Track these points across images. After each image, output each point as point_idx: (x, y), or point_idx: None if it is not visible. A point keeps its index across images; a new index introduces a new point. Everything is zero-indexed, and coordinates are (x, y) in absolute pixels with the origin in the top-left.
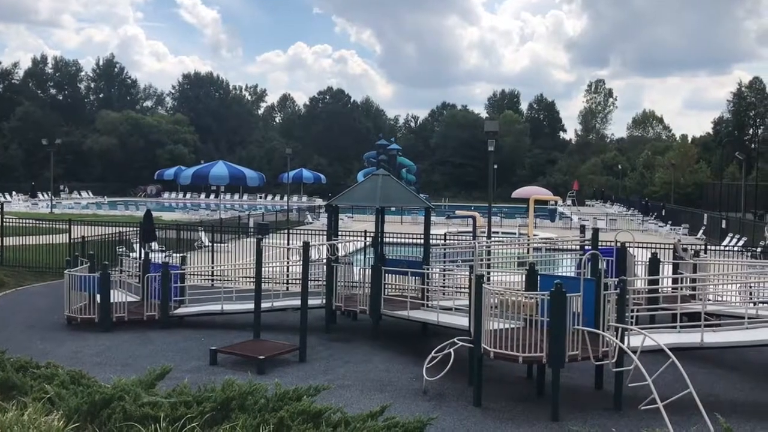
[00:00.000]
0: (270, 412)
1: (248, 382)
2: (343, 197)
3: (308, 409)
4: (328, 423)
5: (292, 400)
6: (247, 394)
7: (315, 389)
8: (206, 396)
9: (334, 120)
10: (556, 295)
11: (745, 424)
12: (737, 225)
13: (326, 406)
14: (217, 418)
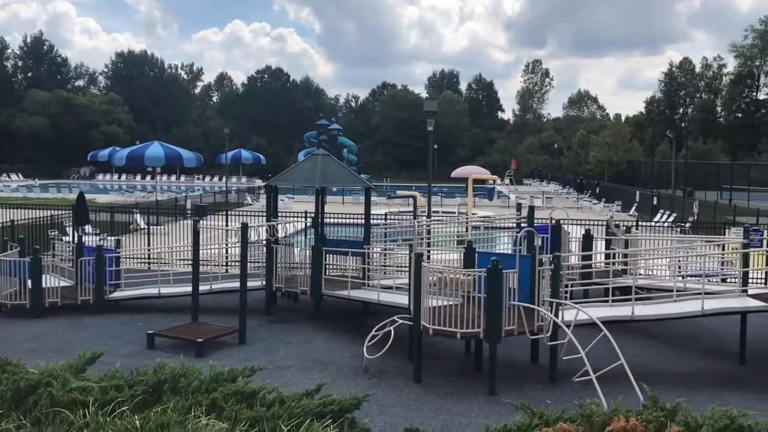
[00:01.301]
0: (203, 394)
1: (181, 365)
2: (283, 177)
3: (242, 390)
4: (263, 403)
5: (227, 382)
6: (180, 376)
7: (251, 370)
8: (138, 379)
9: (273, 99)
10: (493, 272)
11: (672, 393)
12: (668, 202)
13: (261, 386)
14: (148, 401)
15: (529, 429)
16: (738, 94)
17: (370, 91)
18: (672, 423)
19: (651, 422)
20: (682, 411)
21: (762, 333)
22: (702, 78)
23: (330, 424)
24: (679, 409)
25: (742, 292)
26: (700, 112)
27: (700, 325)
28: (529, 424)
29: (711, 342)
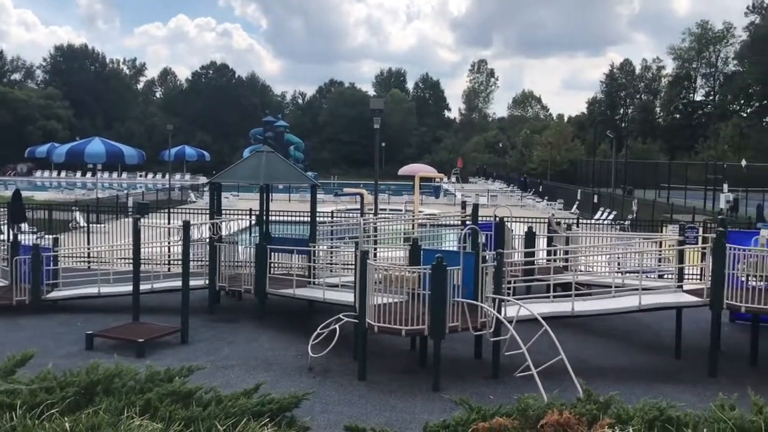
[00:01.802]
0: (137, 395)
1: (115, 365)
2: (226, 174)
3: (178, 390)
4: (199, 403)
5: (164, 382)
6: (114, 376)
7: (188, 369)
8: (70, 381)
9: (218, 96)
10: (437, 269)
11: (610, 386)
12: (608, 200)
13: (198, 386)
14: (80, 403)
15: (467, 424)
16: (676, 95)
17: (317, 89)
18: (604, 415)
19: (584, 415)
20: (615, 404)
21: (696, 327)
22: (642, 79)
23: (268, 423)
24: (612, 402)
25: (677, 287)
26: (639, 113)
27: (637, 320)
28: (468, 419)
29: (648, 336)
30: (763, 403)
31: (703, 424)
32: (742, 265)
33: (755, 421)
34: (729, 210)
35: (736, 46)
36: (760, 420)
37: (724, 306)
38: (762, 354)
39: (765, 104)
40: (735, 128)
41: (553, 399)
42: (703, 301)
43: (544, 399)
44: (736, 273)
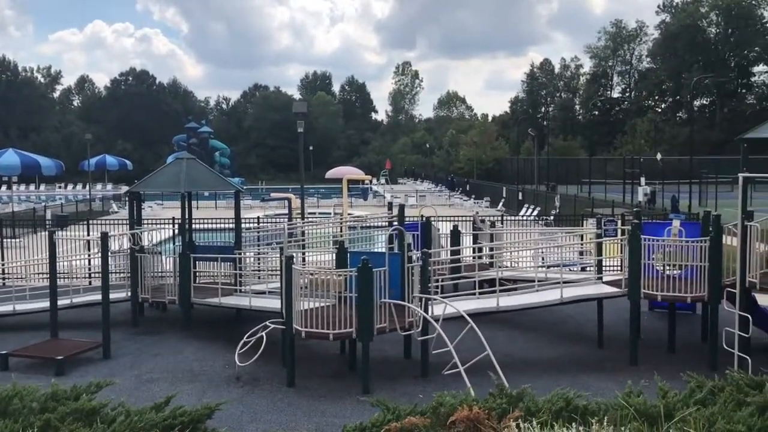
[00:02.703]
0: (36, 415)
1: (12, 385)
2: (146, 183)
3: (81, 408)
4: (104, 419)
5: (69, 400)
6: (12, 397)
7: (96, 386)
8: None
9: (138, 103)
10: (363, 271)
11: (536, 379)
12: (532, 196)
13: (103, 403)
14: None
15: (382, 425)
16: (594, 93)
17: (241, 93)
18: (515, 409)
19: (494, 410)
20: (527, 397)
21: (618, 317)
22: (561, 78)
23: None
24: (524, 395)
25: (597, 279)
26: (560, 111)
27: (562, 312)
28: (383, 419)
29: (573, 328)
30: (669, 388)
31: (607, 411)
32: (660, 254)
33: (657, 406)
34: (647, 202)
35: (649, 44)
36: (661, 405)
37: (642, 295)
38: (679, 340)
39: (678, 99)
40: (650, 123)
41: (466, 395)
42: (622, 291)
43: (472, 395)
44: (652, 263)
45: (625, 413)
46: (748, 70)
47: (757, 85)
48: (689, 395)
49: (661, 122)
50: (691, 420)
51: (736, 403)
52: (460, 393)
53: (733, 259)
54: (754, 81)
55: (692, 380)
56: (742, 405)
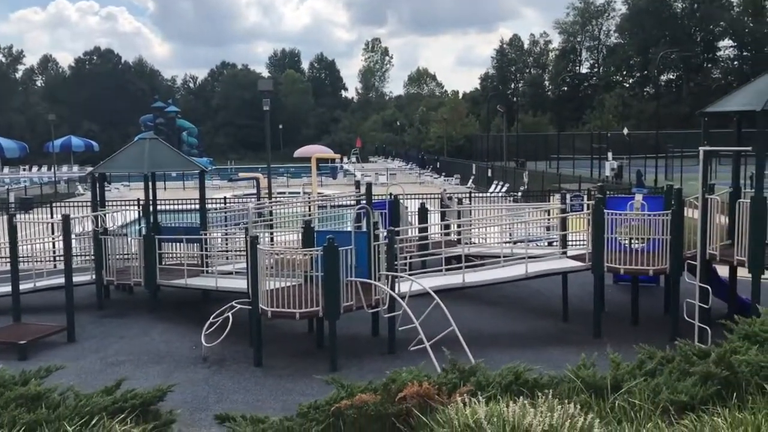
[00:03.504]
0: None
1: None
2: (107, 165)
3: (26, 393)
4: (50, 404)
5: (17, 385)
6: None
7: (46, 370)
8: None
9: (104, 82)
10: (328, 250)
11: (501, 353)
12: (501, 173)
13: (50, 388)
14: None
15: (335, 401)
16: (563, 69)
17: (209, 72)
18: (466, 383)
19: (445, 384)
20: (480, 371)
21: (583, 291)
22: (530, 54)
23: (128, 419)
24: (477, 370)
25: (562, 254)
26: (529, 87)
27: (529, 287)
28: (337, 397)
29: (539, 302)
30: (621, 359)
31: (559, 384)
32: (625, 228)
33: (605, 378)
34: (614, 177)
35: (617, 19)
36: (608, 377)
37: (605, 269)
38: (643, 312)
39: (645, 74)
40: (618, 98)
41: (419, 370)
42: (586, 265)
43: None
44: (616, 237)
45: (573, 386)
46: (713, 45)
47: (722, 59)
48: (638, 366)
49: (628, 97)
50: (636, 391)
51: (681, 373)
52: (414, 369)
53: (695, 232)
54: (719, 56)
55: (643, 351)
56: (686, 375)
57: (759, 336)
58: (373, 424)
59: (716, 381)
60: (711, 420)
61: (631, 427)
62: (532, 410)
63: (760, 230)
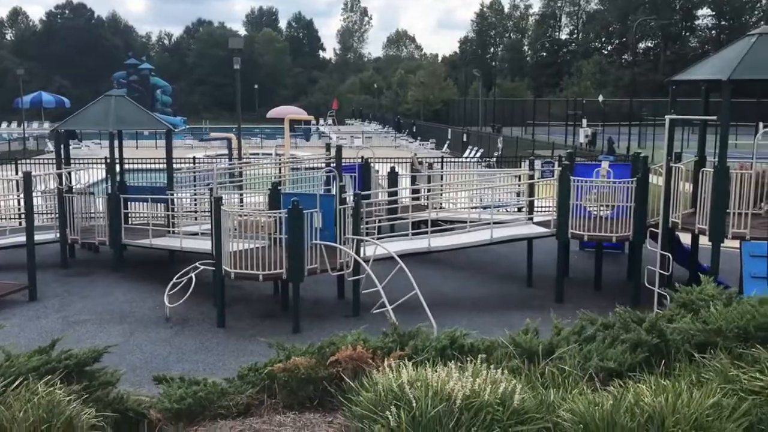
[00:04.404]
0: None
1: None
2: (71, 121)
3: None
4: None
5: None
6: None
7: None
8: None
9: (76, 37)
10: (293, 213)
11: (462, 317)
12: (476, 138)
13: None
14: None
15: (273, 364)
16: (542, 34)
17: (184, 29)
18: (405, 347)
19: (381, 348)
20: (421, 335)
21: (550, 257)
22: (510, 18)
23: (59, 380)
24: (417, 334)
25: (528, 220)
26: (508, 52)
27: (497, 252)
28: (276, 359)
29: (505, 268)
30: (564, 325)
31: (491, 350)
32: (594, 195)
33: (542, 343)
34: (588, 144)
35: None
36: (539, 342)
37: (569, 235)
38: (607, 278)
39: (624, 42)
40: (596, 65)
41: (358, 334)
42: (550, 231)
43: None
44: (583, 204)
45: (507, 351)
46: (692, 14)
47: (700, 28)
48: (576, 332)
49: (606, 64)
50: (566, 357)
51: (614, 339)
52: (356, 332)
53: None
54: (697, 24)
55: (584, 317)
56: (618, 341)
57: (695, 304)
58: (306, 386)
59: (645, 348)
60: (635, 386)
61: (557, 393)
62: (456, 375)
63: (721, 199)
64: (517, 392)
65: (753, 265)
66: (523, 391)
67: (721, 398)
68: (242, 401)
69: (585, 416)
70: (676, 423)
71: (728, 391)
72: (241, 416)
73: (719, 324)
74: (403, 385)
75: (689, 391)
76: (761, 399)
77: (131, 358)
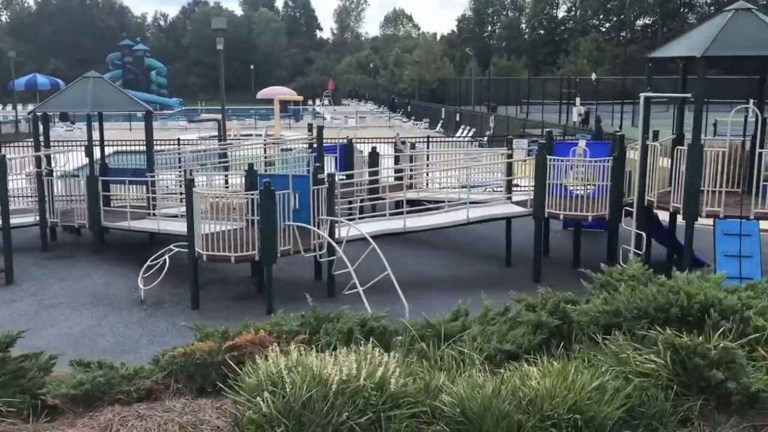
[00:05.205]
0: None
1: None
2: (49, 104)
3: None
4: None
5: None
6: None
7: None
8: None
9: (71, 19)
10: (264, 194)
11: (438, 297)
12: (469, 117)
13: None
14: None
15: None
16: (540, 11)
17: (180, 9)
18: (318, 331)
19: (287, 333)
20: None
21: (528, 237)
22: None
23: None
24: (340, 317)
25: (507, 199)
26: (505, 30)
27: (478, 232)
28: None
29: (485, 247)
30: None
31: (398, 333)
32: (580, 174)
33: (455, 326)
34: (581, 122)
35: None
36: (460, 325)
37: (546, 215)
38: (587, 258)
39: (622, 19)
40: (593, 43)
41: (280, 317)
42: (527, 210)
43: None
44: (562, 183)
45: (420, 333)
46: None
47: (699, 4)
48: (499, 313)
49: (603, 42)
50: (467, 339)
51: (513, 321)
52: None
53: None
54: (696, 0)
55: (514, 297)
56: (523, 324)
57: (611, 285)
58: (202, 371)
59: (546, 330)
60: (526, 369)
61: (448, 376)
62: (332, 360)
63: (695, 177)
64: (395, 376)
65: (726, 244)
66: (405, 375)
67: (605, 381)
68: (145, 386)
69: (464, 400)
70: (554, 406)
71: (618, 373)
72: (143, 401)
73: (617, 306)
74: (282, 370)
75: (576, 374)
76: (649, 381)
77: (102, 342)
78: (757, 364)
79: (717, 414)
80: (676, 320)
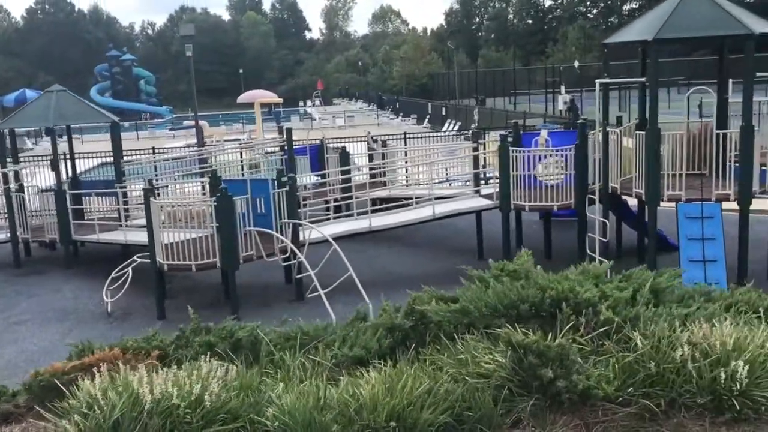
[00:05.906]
0: None
1: None
2: (11, 120)
3: None
4: None
5: None
6: None
7: None
8: None
9: (58, 32)
10: (222, 200)
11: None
12: (454, 111)
13: None
14: None
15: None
16: (526, 1)
17: (168, 17)
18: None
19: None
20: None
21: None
22: None
23: None
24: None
25: (475, 193)
26: (493, 21)
27: (454, 226)
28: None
29: (459, 242)
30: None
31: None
32: (548, 164)
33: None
34: (567, 111)
35: None
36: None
37: (512, 206)
38: (559, 247)
39: (609, 5)
40: (580, 30)
41: (155, 332)
42: (494, 203)
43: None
44: (532, 174)
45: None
46: None
47: None
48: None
49: (590, 29)
50: (320, 347)
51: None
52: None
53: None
54: None
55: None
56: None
57: (485, 281)
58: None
59: (399, 333)
60: (368, 375)
61: (286, 387)
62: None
63: (654, 161)
64: (214, 393)
65: (688, 227)
66: (241, 388)
67: (438, 385)
68: (3, 409)
69: (287, 413)
70: (376, 415)
71: (456, 375)
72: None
73: (463, 304)
74: (99, 391)
75: (408, 379)
76: (486, 383)
77: (62, 357)
78: (603, 358)
79: (548, 413)
80: (530, 317)
